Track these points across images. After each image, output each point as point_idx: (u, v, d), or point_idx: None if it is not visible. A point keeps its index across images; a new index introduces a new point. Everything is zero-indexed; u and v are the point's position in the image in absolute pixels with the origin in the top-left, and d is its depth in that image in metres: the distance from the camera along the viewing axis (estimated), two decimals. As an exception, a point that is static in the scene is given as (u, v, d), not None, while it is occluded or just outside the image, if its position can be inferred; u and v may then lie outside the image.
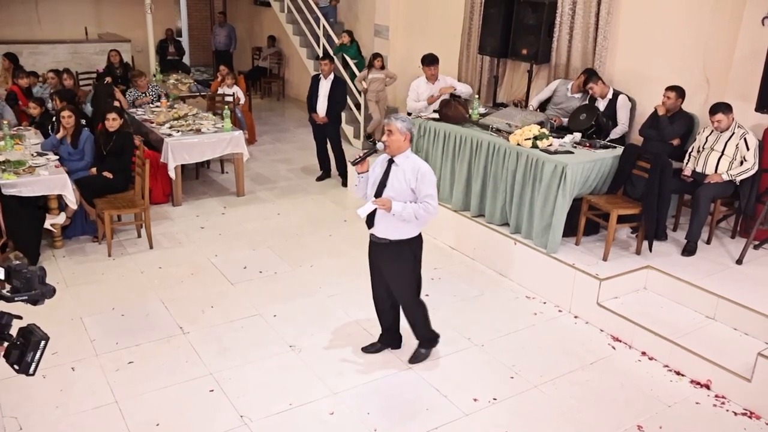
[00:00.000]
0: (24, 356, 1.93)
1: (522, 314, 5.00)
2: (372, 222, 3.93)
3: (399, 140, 3.81)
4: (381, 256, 4.04)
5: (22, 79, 8.31)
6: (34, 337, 1.94)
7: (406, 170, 3.84)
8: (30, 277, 1.97)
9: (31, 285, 1.97)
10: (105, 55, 10.08)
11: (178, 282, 5.32)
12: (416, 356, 4.32)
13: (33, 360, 1.94)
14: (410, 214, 3.77)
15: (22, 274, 1.96)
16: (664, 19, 6.10)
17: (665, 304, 4.88)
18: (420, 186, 3.81)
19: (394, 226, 3.88)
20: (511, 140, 5.54)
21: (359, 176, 4.00)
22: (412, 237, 3.95)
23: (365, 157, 3.92)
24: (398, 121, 3.81)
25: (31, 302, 2.00)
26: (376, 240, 4.01)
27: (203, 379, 4.06)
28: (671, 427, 3.79)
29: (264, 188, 7.69)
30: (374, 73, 8.66)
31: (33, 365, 1.94)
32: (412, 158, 3.89)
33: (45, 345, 1.95)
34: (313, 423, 3.71)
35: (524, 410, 3.89)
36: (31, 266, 2.00)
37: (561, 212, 5.15)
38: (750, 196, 5.33)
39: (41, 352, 1.94)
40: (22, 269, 1.97)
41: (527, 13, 7.10)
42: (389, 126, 3.81)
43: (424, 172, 3.82)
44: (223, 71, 9.25)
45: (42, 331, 1.95)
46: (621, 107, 6.19)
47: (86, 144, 6.22)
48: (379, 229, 3.93)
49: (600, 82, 6.21)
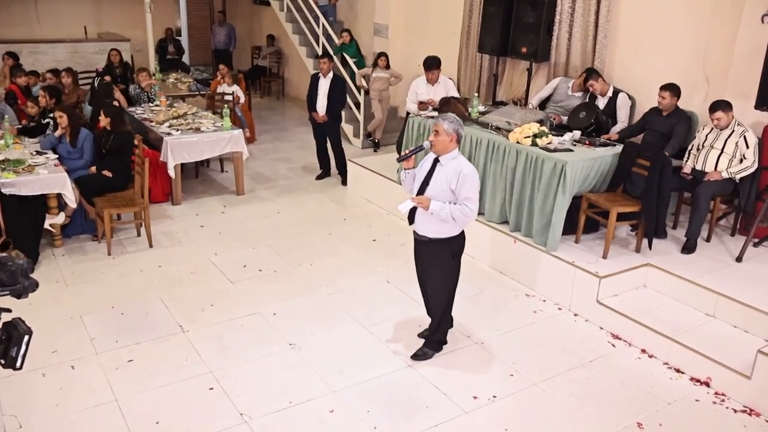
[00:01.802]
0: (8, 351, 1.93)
1: (522, 312, 5.00)
2: (413, 219, 4.02)
3: (445, 141, 3.85)
4: (421, 253, 4.15)
5: (21, 77, 8.31)
6: (17, 332, 1.94)
7: (448, 171, 3.87)
8: (14, 270, 1.97)
9: (15, 278, 1.97)
10: (105, 54, 10.08)
11: (177, 281, 5.32)
12: (419, 355, 4.34)
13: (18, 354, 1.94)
14: (447, 215, 3.82)
15: (7, 267, 1.96)
16: (664, 17, 6.10)
17: (665, 301, 4.88)
18: (460, 188, 3.83)
19: (432, 225, 3.95)
20: (511, 138, 5.54)
21: (406, 172, 4.07)
22: (451, 236, 4.00)
23: (411, 155, 3.99)
24: (445, 122, 3.84)
25: (15, 296, 1.99)
26: (417, 237, 4.11)
27: (203, 378, 4.06)
28: (671, 424, 3.79)
29: (264, 187, 7.68)
30: (378, 72, 8.65)
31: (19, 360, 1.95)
32: (459, 159, 3.91)
33: (29, 339, 1.95)
34: (313, 421, 3.71)
35: (524, 408, 3.89)
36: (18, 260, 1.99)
37: (560, 210, 5.15)
38: (750, 193, 5.33)
39: (26, 347, 1.95)
40: (8, 262, 1.97)
41: (527, 11, 7.10)
42: (436, 126, 3.86)
43: (466, 175, 3.83)
44: (222, 70, 9.25)
45: (26, 326, 1.95)
46: (621, 105, 6.18)
47: (85, 143, 6.21)
48: (419, 227, 4.03)
49: (600, 79, 6.22)
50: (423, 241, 4.06)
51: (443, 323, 4.33)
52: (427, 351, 4.35)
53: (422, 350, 4.35)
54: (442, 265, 4.10)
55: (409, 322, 4.78)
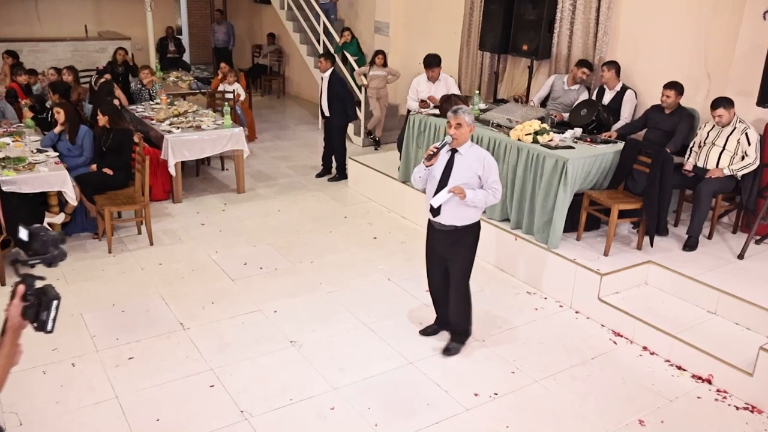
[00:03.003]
0: (39, 315, 2.03)
1: (523, 310, 4.99)
2: (438, 210, 4.07)
3: (466, 132, 4.01)
4: (446, 242, 4.18)
5: (21, 76, 8.30)
6: (46, 297, 2.04)
7: (471, 159, 4.03)
8: (46, 240, 2.09)
9: (46, 248, 2.09)
10: (106, 52, 10.10)
11: (178, 278, 5.32)
12: (449, 349, 4.37)
13: (48, 318, 2.03)
14: (481, 200, 4.00)
15: (40, 237, 2.08)
16: (665, 13, 6.08)
17: (666, 299, 4.87)
18: (487, 173, 4.03)
19: (459, 214, 4.05)
20: (512, 136, 5.52)
21: (426, 169, 4.11)
22: (475, 222, 4.14)
23: (439, 151, 4.05)
24: (465, 114, 4.00)
25: (46, 264, 2.13)
26: (441, 228, 4.15)
27: (203, 375, 4.06)
28: (673, 421, 3.78)
29: (264, 185, 7.68)
30: (375, 71, 8.64)
31: (49, 323, 2.04)
32: (475, 147, 4.11)
33: (58, 304, 2.05)
34: (314, 418, 3.70)
35: (525, 405, 3.88)
36: (51, 232, 2.11)
37: (562, 207, 5.14)
38: (751, 191, 5.32)
39: (55, 311, 2.05)
40: (40, 232, 2.09)
41: (527, 8, 7.09)
42: (458, 119, 3.96)
43: (489, 160, 4.06)
44: (224, 68, 9.24)
45: (55, 291, 2.06)
46: (627, 102, 6.18)
47: (85, 140, 6.20)
48: (446, 217, 4.09)
49: (613, 71, 6.20)
50: (448, 231, 4.12)
51: (466, 304, 4.35)
52: (455, 345, 4.38)
53: (452, 344, 4.38)
54: (466, 252, 4.19)
55: (409, 319, 4.77)
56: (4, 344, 2.03)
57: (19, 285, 2.06)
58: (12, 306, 2.03)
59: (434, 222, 4.17)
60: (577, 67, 6.49)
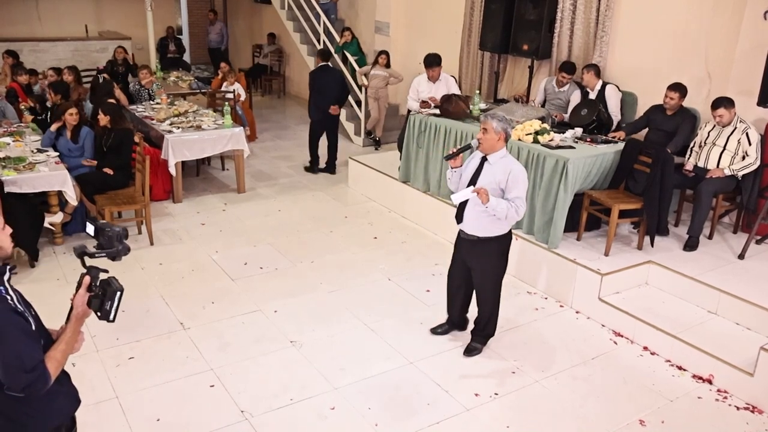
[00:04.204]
0: (103, 305, 2.16)
1: (523, 309, 4.99)
2: (461, 218, 3.99)
3: (493, 139, 3.84)
4: (469, 252, 4.11)
5: (21, 76, 8.30)
6: (111, 288, 2.17)
7: (497, 170, 3.86)
8: (111, 235, 2.22)
9: (111, 242, 2.22)
10: (106, 52, 10.10)
11: (178, 278, 5.31)
12: (471, 349, 4.35)
13: (111, 308, 2.16)
14: (502, 211, 3.78)
15: (106, 232, 2.22)
16: (666, 13, 6.08)
17: (667, 299, 4.87)
18: (510, 187, 3.82)
19: (482, 224, 3.93)
20: (513, 135, 5.51)
21: (452, 171, 4.04)
22: (500, 234, 3.99)
23: (458, 153, 3.97)
24: (494, 120, 3.82)
25: (110, 258, 2.24)
26: (464, 236, 4.07)
27: (204, 375, 4.05)
28: (673, 421, 3.78)
29: (264, 185, 7.68)
30: (377, 70, 8.63)
31: (112, 312, 2.17)
32: (508, 158, 3.91)
33: (120, 295, 2.18)
34: (314, 418, 3.70)
35: (526, 405, 3.88)
36: (116, 227, 2.24)
37: (562, 207, 5.13)
38: (752, 190, 5.32)
39: (118, 302, 2.17)
40: (106, 227, 2.23)
41: (528, 8, 7.09)
42: (484, 124, 3.83)
43: (516, 174, 3.83)
44: (224, 68, 9.24)
45: (119, 284, 2.18)
46: (610, 96, 6.23)
47: (86, 140, 6.20)
48: (468, 226, 4.00)
49: (592, 72, 6.25)
50: (471, 240, 4.03)
51: (494, 317, 4.32)
52: (477, 346, 4.37)
53: (473, 345, 4.37)
54: (490, 264, 4.09)
55: (410, 319, 4.77)
56: (67, 331, 2.17)
57: (85, 276, 2.19)
58: (78, 296, 2.20)
59: (460, 229, 4.10)
60: (559, 70, 6.60)
